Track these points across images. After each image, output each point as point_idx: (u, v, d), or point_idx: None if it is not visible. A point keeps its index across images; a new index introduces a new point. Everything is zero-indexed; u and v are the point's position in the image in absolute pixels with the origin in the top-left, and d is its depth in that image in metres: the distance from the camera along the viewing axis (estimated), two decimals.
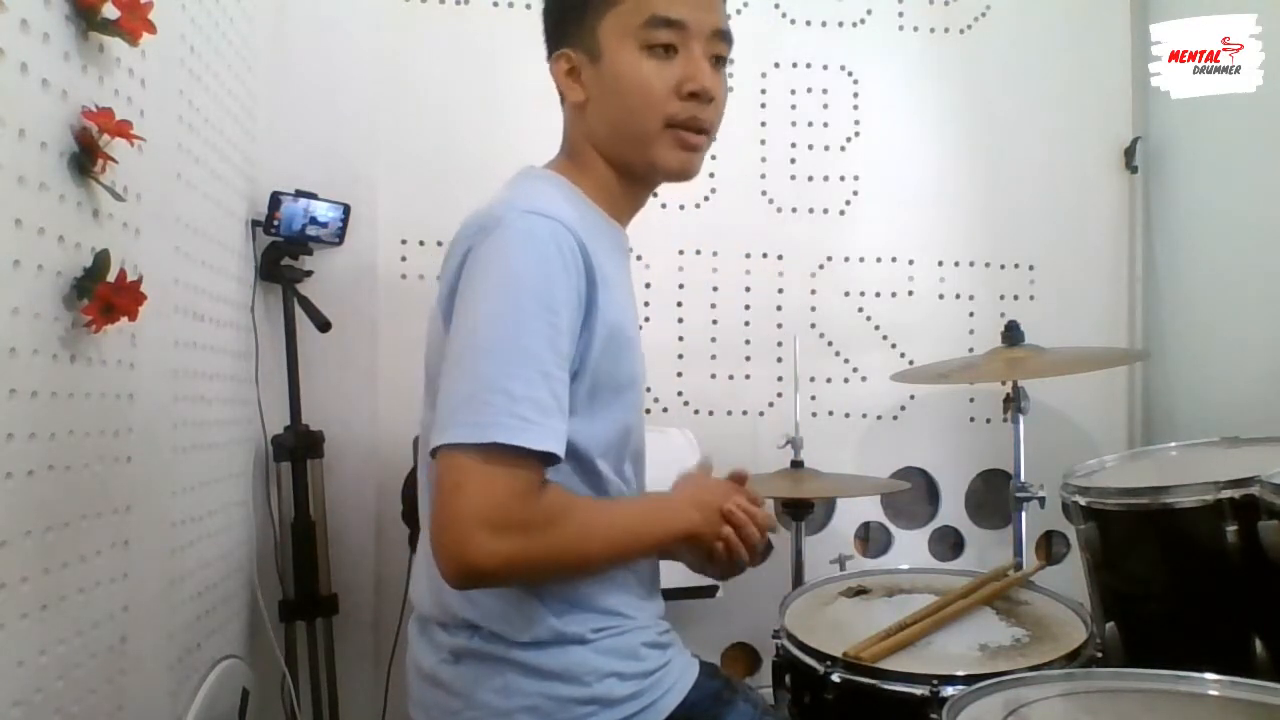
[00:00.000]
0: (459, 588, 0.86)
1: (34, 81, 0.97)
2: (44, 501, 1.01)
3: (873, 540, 2.23)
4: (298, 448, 1.83)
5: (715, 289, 2.14)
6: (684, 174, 1.04)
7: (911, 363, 2.16)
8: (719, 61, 1.03)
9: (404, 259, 2.02)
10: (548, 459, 0.85)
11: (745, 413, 2.13)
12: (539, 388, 0.85)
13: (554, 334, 0.87)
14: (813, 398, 2.13)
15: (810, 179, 2.18)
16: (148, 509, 1.29)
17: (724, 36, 1.02)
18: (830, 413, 2.16)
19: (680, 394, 2.12)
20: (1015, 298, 2.23)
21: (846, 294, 2.18)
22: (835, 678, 1.23)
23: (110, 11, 1.07)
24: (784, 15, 2.17)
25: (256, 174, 1.86)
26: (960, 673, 1.18)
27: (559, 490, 0.89)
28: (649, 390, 2.04)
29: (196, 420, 1.51)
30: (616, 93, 1.00)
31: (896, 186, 2.20)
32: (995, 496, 2.19)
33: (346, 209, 1.91)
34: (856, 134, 2.19)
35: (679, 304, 2.13)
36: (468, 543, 0.81)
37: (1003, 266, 2.23)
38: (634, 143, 1.02)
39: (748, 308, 2.15)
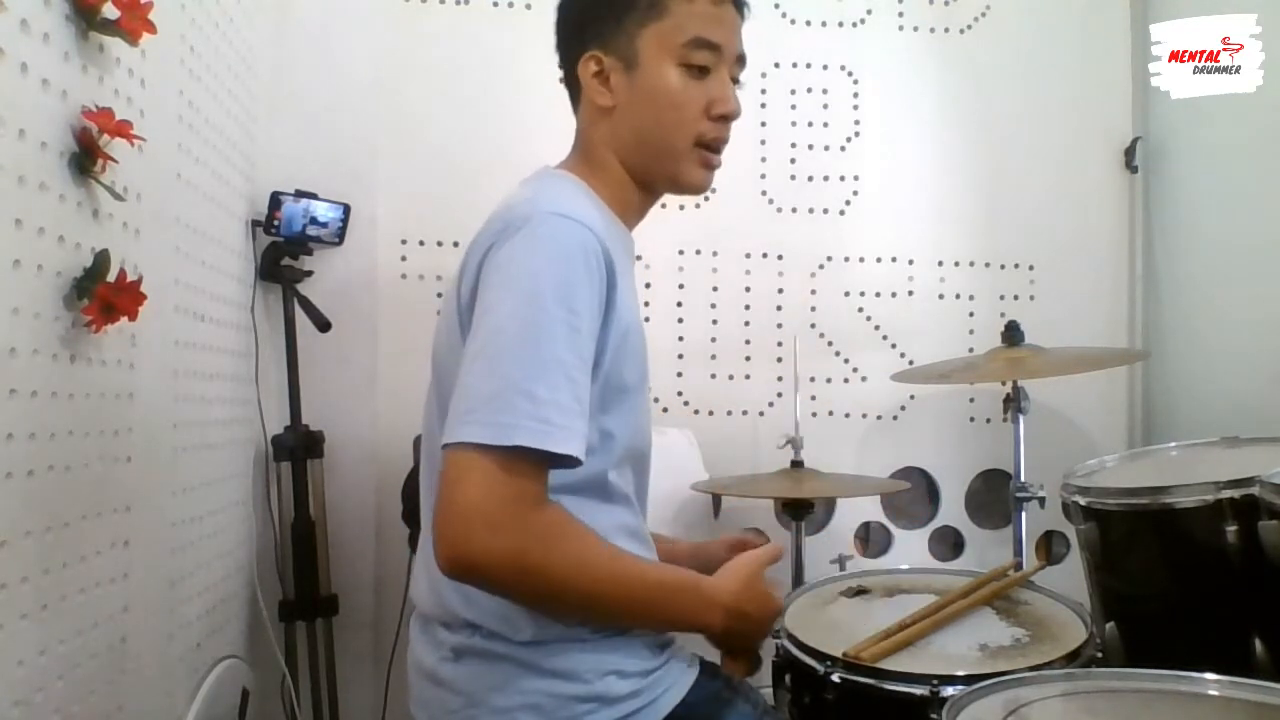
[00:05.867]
0: (452, 578, 0.86)
1: (34, 81, 0.97)
2: (44, 501, 1.01)
3: (873, 540, 2.22)
4: (298, 448, 1.83)
5: (715, 289, 2.14)
6: (702, 189, 1.09)
7: (911, 363, 2.16)
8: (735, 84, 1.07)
9: (404, 259, 2.01)
10: (568, 461, 0.85)
11: (745, 413, 2.13)
12: (563, 391, 0.85)
13: (577, 337, 0.87)
14: (813, 398, 2.13)
15: (810, 179, 2.18)
16: (148, 509, 1.30)
17: (743, 61, 1.07)
18: (830, 413, 2.16)
19: (680, 394, 2.12)
20: (1015, 298, 2.23)
21: (846, 294, 2.18)
22: (835, 678, 1.22)
23: (110, 11, 1.07)
24: (784, 15, 2.17)
25: (256, 174, 1.86)
26: (960, 673, 1.17)
27: (565, 515, 0.89)
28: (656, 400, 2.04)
29: (196, 420, 1.51)
30: (652, 105, 1.02)
31: (896, 186, 2.20)
32: (995, 496, 2.19)
33: (346, 209, 1.91)
34: (856, 134, 2.19)
35: (679, 304, 2.13)
36: (466, 535, 0.82)
37: (1003, 266, 2.23)
38: (660, 156, 1.04)
39: (748, 308, 2.15)
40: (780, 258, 2.16)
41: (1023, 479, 1.82)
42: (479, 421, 0.83)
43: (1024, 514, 1.82)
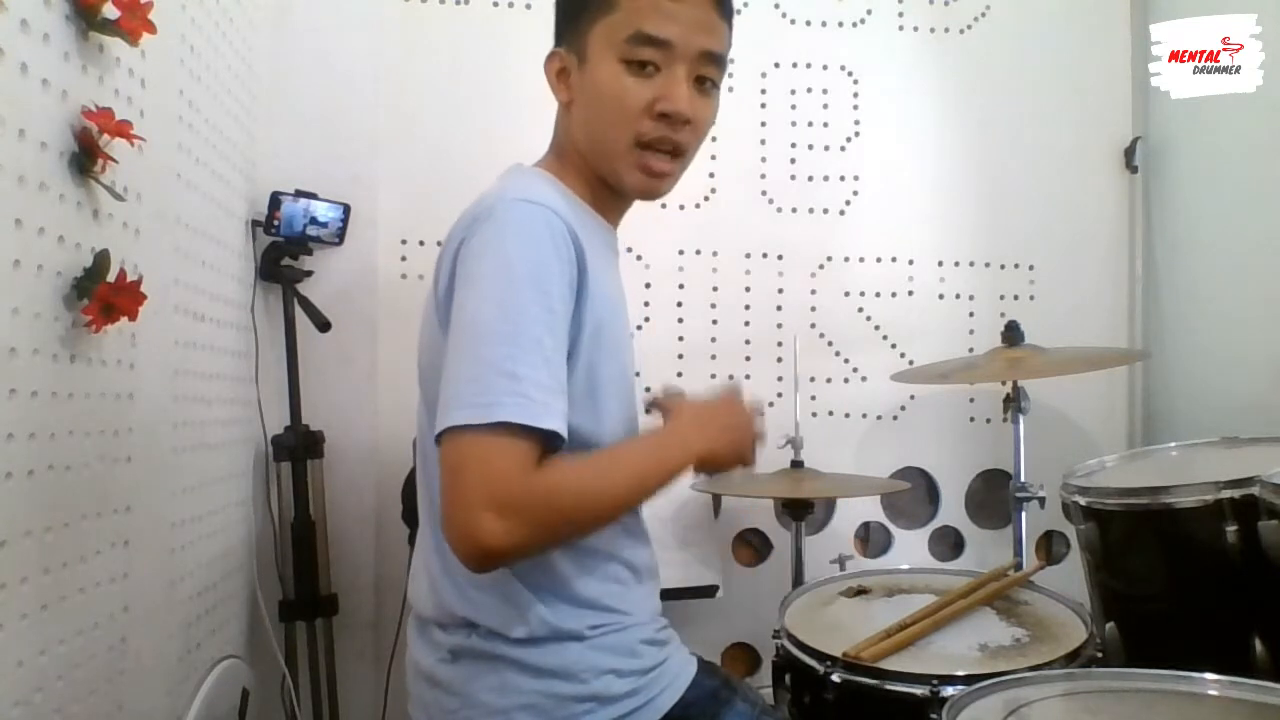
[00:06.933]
0: (478, 570, 0.87)
1: (34, 81, 0.97)
2: (44, 501, 1.02)
3: (873, 540, 2.22)
4: (298, 448, 1.83)
5: (715, 289, 2.14)
6: (647, 195, 1.04)
7: (911, 363, 2.16)
8: (708, 84, 1.01)
9: (404, 259, 2.01)
10: (551, 438, 0.85)
11: None
12: (540, 369, 0.85)
13: (550, 317, 0.88)
14: (813, 398, 2.13)
15: (810, 179, 2.18)
16: (148, 509, 1.30)
17: (714, 59, 1.00)
18: (830, 413, 2.16)
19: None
20: (1015, 298, 2.23)
21: (846, 294, 2.18)
22: (835, 678, 1.23)
23: (110, 11, 1.07)
24: (784, 15, 2.17)
25: (256, 174, 1.86)
26: (960, 673, 1.18)
27: (554, 463, 0.88)
28: (649, 390, 2.04)
29: (196, 420, 1.51)
30: (595, 101, 1.00)
31: (896, 186, 2.20)
32: (995, 496, 2.19)
33: (346, 209, 1.91)
34: (856, 134, 2.19)
35: (679, 304, 2.13)
36: (476, 526, 0.81)
37: (1003, 266, 2.23)
38: (603, 155, 1.02)
39: (748, 308, 2.15)
40: (780, 258, 2.16)
41: (1023, 479, 1.82)
42: (462, 405, 0.84)
43: (1024, 514, 1.82)
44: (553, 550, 0.95)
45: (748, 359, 2.14)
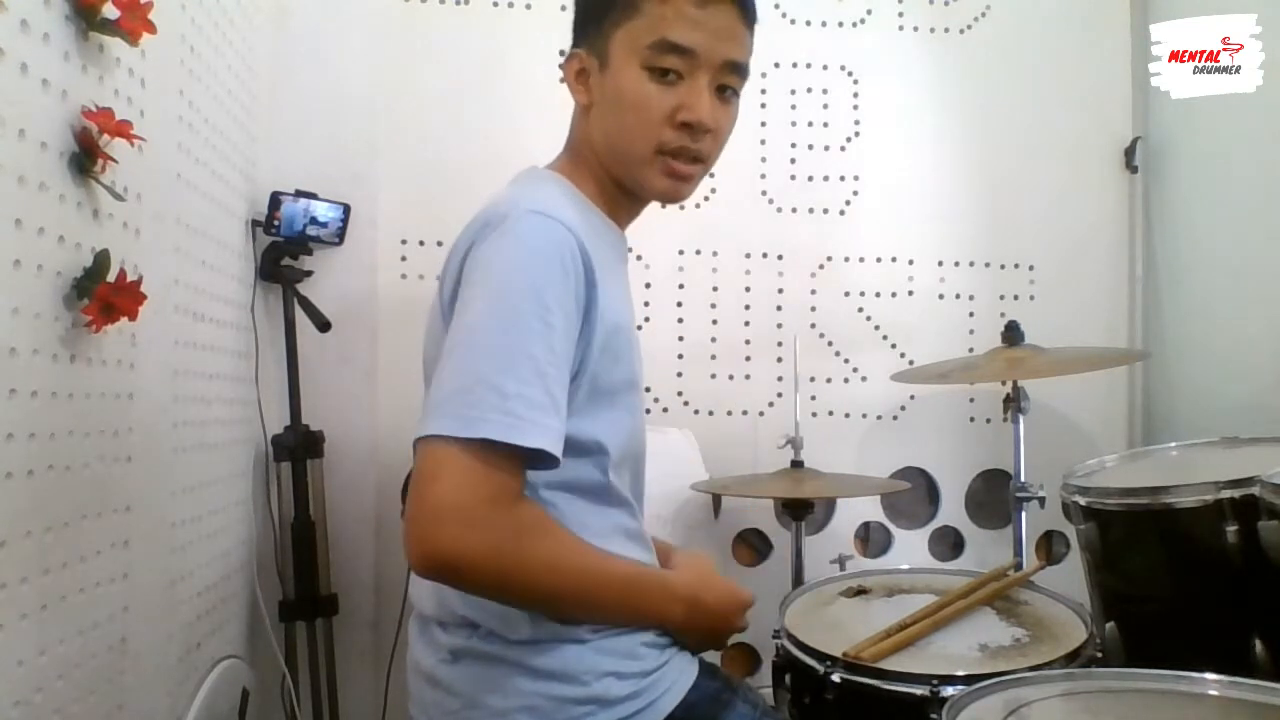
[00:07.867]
0: (422, 575, 0.85)
1: (34, 81, 0.97)
2: (44, 501, 1.02)
3: (873, 540, 2.22)
4: (298, 448, 1.83)
5: (715, 289, 2.14)
6: (670, 199, 1.04)
7: (911, 363, 2.16)
8: (729, 92, 1.01)
9: (404, 259, 2.02)
10: (539, 457, 0.84)
11: (745, 413, 2.13)
12: (533, 386, 0.84)
13: (550, 333, 0.86)
14: (813, 398, 2.13)
15: (810, 179, 2.18)
16: (148, 509, 1.30)
17: (737, 69, 1.01)
18: (830, 413, 2.16)
19: (680, 394, 2.12)
20: (1015, 298, 2.23)
21: (846, 294, 2.18)
22: (835, 678, 1.23)
23: (110, 11, 1.07)
24: (784, 15, 2.17)
25: (256, 174, 1.86)
26: (960, 673, 1.17)
27: (539, 511, 0.89)
28: (649, 390, 2.04)
29: (196, 420, 1.51)
30: (615, 108, 1.00)
31: (896, 186, 2.20)
32: (995, 496, 2.19)
33: (346, 209, 1.91)
34: (856, 134, 2.19)
35: (679, 304, 2.13)
36: (437, 531, 0.81)
37: (1003, 266, 2.23)
38: (624, 160, 1.02)
39: (748, 308, 2.15)
40: (780, 258, 2.16)
41: (1023, 479, 1.82)
42: (446, 414, 0.83)
43: (1024, 514, 1.82)
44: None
45: (748, 359, 2.14)
